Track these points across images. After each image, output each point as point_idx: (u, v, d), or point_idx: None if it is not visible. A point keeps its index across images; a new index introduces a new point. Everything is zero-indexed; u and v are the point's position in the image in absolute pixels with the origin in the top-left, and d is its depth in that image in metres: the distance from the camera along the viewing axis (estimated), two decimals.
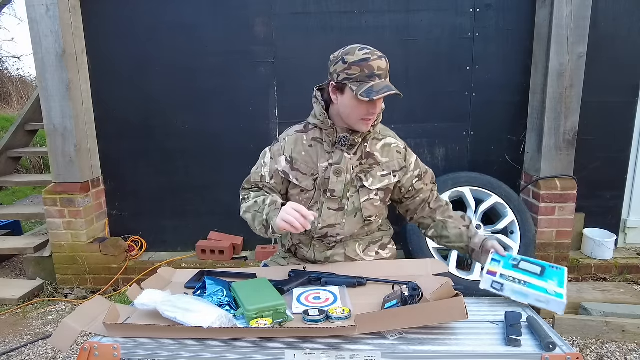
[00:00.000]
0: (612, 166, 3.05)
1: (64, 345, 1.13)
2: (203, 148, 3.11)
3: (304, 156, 1.52)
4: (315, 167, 1.50)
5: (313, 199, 1.53)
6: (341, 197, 1.50)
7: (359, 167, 1.50)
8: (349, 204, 1.51)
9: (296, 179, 1.52)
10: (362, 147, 1.50)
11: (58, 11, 2.74)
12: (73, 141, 2.92)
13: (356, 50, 1.36)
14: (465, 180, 2.85)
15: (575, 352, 1.01)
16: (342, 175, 1.48)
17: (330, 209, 1.52)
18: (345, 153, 1.48)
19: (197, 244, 3.12)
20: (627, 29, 2.87)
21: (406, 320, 1.08)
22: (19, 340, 2.51)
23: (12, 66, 12.05)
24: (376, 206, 1.53)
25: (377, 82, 1.34)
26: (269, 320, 1.15)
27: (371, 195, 1.51)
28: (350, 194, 1.50)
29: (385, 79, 1.36)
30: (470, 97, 2.99)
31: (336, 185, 1.49)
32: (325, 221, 1.52)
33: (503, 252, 1.42)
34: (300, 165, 1.52)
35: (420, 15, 2.89)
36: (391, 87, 1.33)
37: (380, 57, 1.36)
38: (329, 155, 1.49)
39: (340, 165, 1.48)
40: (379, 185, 1.51)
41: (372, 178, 1.50)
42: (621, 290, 2.65)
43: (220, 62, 2.99)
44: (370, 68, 1.33)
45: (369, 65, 1.33)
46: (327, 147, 1.50)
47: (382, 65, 1.35)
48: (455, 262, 2.76)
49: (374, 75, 1.33)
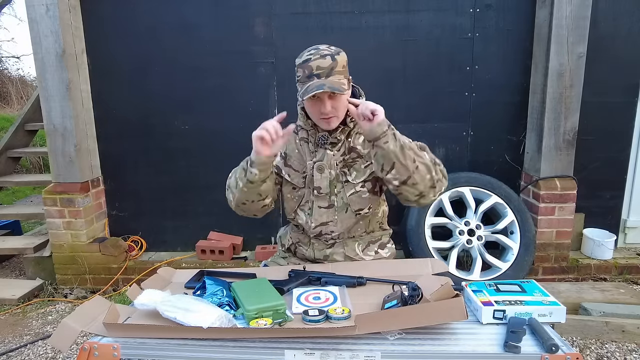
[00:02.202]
0: (612, 166, 3.05)
1: (63, 345, 1.13)
2: (203, 148, 3.11)
3: (296, 153, 1.55)
4: (305, 165, 1.53)
5: (304, 198, 1.55)
6: (328, 193, 1.51)
7: (342, 162, 1.50)
8: (337, 200, 1.52)
9: (288, 174, 1.55)
10: (345, 143, 1.50)
11: (58, 11, 2.74)
12: (73, 141, 2.92)
13: (305, 52, 1.39)
14: (465, 180, 2.85)
15: (575, 352, 1.01)
16: (325, 172, 1.50)
17: (321, 207, 1.53)
18: (328, 150, 1.49)
19: (197, 244, 3.12)
20: (627, 29, 2.87)
21: (406, 320, 1.08)
22: (18, 340, 2.51)
23: (12, 66, 12.06)
24: (364, 198, 1.52)
25: (313, 81, 1.34)
26: (269, 321, 1.15)
27: (357, 188, 1.51)
28: (337, 189, 1.51)
29: (325, 78, 1.34)
30: (470, 97, 2.99)
31: (321, 181, 1.50)
32: (317, 220, 1.54)
33: (357, 101, 1.35)
34: (293, 162, 1.55)
35: (420, 15, 2.89)
36: (322, 85, 1.31)
37: (324, 56, 1.34)
38: (313, 154, 1.52)
39: (323, 162, 1.49)
40: (362, 177, 1.51)
41: (356, 172, 1.51)
42: (621, 290, 2.65)
43: (220, 62, 2.99)
44: (309, 69, 1.35)
45: (308, 66, 1.35)
46: (312, 146, 1.52)
47: (322, 64, 1.34)
48: (455, 262, 2.76)
49: (313, 75, 1.35)
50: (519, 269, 2.72)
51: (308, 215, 1.55)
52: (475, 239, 2.79)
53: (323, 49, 1.38)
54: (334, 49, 1.39)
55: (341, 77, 1.37)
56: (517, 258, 2.74)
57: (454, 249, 2.78)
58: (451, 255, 2.76)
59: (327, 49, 1.38)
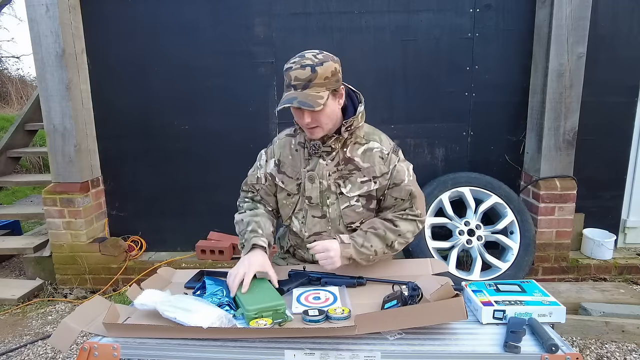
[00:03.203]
0: (612, 166, 3.05)
1: (63, 346, 1.13)
2: (203, 148, 3.11)
3: (290, 160, 1.52)
4: (299, 172, 1.50)
5: (297, 205, 1.53)
6: (319, 203, 1.49)
7: (336, 173, 1.46)
8: (330, 212, 1.49)
9: (282, 181, 1.53)
10: (340, 153, 1.45)
11: (58, 11, 2.74)
12: (73, 141, 2.92)
13: (291, 59, 1.34)
14: (465, 180, 2.85)
15: (575, 352, 1.01)
16: (315, 182, 1.46)
17: (314, 216, 1.51)
18: (321, 159, 1.46)
19: (197, 244, 3.12)
20: (627, 29, 2.87)
21: (406, 320, 1.08)
22: (18, 340, 2.51)
23: (11, 66, 12.08)
24: (358, 212, 1.49)
25: (288, 92, 1.32)
26: (269, 321, 1.15)
27: (351, 202, 1.47)
28: (331, 201, 1.48)
29: (300, 90, 1.29)
30: (470, 97, 2.98)
31: (312, 191, 1.48)
32: (311, 229, 1.52)
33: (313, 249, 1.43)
34: (287, 168, 1.52)
35: (420, 15, 2.89)
36: (293, 100, 1.28)
37: (304, 67, 1.28)
38: (307, 161, 1.49)
39: (314, 171, 1.46)
40: (357, 192, 1.46)
41: (351, 184, 1.46)
42: (621, 290, 2.65)
43: (220, 62, 2.99)
44: (288, 78, 1.32)
45: (288, 75, 1.32)
46: (306, 153, 1.49)
47: (299, 75, 1.28)
48: (455, 262, 2.76)
49: (290, 86, 1.31)
50: (518, 269, 2.72)
51: (302, 224, 1.53)
52: (475, 239, 2.79)
53: (307, 57, 1.31)
54: (320, 58, 1.31)
55: (320, 90, 1.29)
56: (517, 258, 2.74)
57: (453, 249, 2.78)
58: (451, 255, 2.76)
59: (311, 58, 1.30)
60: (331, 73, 1.31)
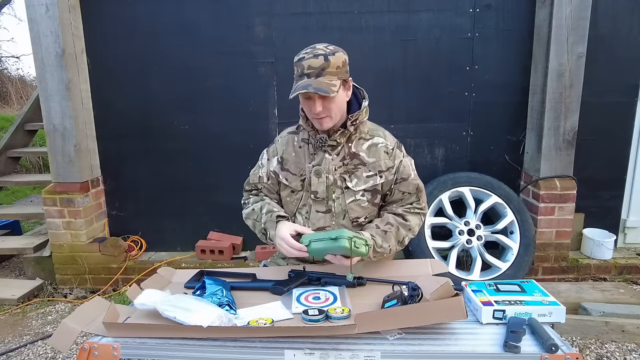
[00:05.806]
0: (612, 166, 3.05)
1: (63, 346, 1.13)
2: (203, 148, 3.11)
3: (293, 157, 1.53)
4: (303, 168, 1.51)
5: (301, 201, 1.54)
6: (325, 198, 1.50)
7: (342, 167, 1.48)
8: (335, 206, 1.50)
9: (285, 179, 1.54)
10: (345, 148, 1.48)
11: (57, 11, 2.74)
12: (73, 141, 2.92)
13: (302, 50, 1.37)
14: (465, 180, 2.85)
15: (574, 352, 1.01)
16: (322, 176, 1.48)
17: (319, 211, 1.52)
18: (327, 154, 1.47)
19: (197, 244, 3.12)
20: (627, 29, 2.87)
21: (406, 320, 1.08)
22: (18, 340, 2.51)
23: (11, 66, 12.08)
24: (363, 207, 1.51)
25: (302, 81, 1.34)
26: (269, 320, 1.15)
27: (357, 197, 1.49)
28: (336, 195, 1.49)
29: (314, 78, 1.32)
30: (470, 97, 2.99)
31: (318, 186, 1.49)
32: (314, 224, 1.52)
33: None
34: (290, 165, 1.53)
35: (420, 15, 2.89)
36: (308, 86, 1.31)
37: (317, 56, 1.32)
38: (312, 156, 1.50)
39: (320, 166, 1.48)
40: (363, 186, 1.48)
41: (357, 179, 1.48)
42: (621, 290, 2.65)
43: (220, 62, 2.99)
44: (301, 67, 1.34)
45: (301, 65, 1.34)
46: (312, 148, 1.51)
47: (313, 64, 1.32)
48: (455, 262, 2.76)
49: (303, 75, 1.34)
50: (518, 269, 2.72)
51: (306, 219, 1.54)
52: (475, 239, 2.79)
53: (319, 48, 1.35)
54: (331, 49, 1.36)
55: (333, 78, 1.33)
56: (516, 258, 2.74)
57: (453, 249, 2.78)
58: (451, 255, 2.76)
59: (323, 49, 1.35)
60: (342, 63, 1.36)
